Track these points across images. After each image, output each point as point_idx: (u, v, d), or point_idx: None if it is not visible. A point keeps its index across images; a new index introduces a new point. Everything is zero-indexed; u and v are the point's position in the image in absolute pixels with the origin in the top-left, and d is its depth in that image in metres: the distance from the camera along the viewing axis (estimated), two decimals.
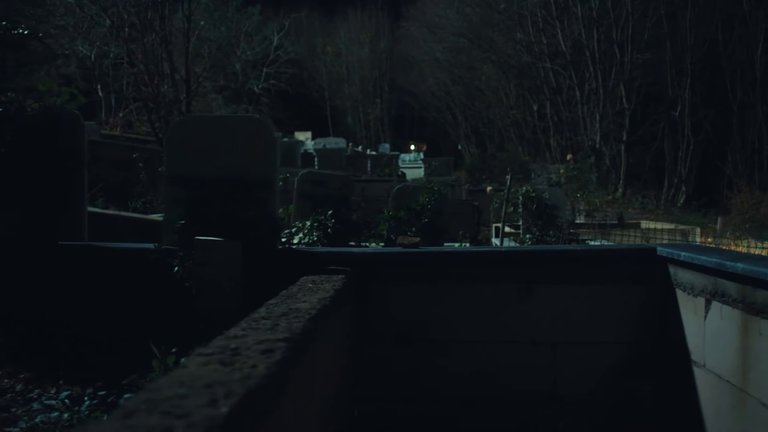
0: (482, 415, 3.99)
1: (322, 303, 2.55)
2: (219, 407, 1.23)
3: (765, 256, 3.61)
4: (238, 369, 1.54)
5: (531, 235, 10.38)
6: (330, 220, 7.97)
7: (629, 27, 29.42)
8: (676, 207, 27.48)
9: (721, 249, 3.94)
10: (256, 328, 2.03)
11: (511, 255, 4.26)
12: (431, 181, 13.72)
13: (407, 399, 3.99)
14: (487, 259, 4.15)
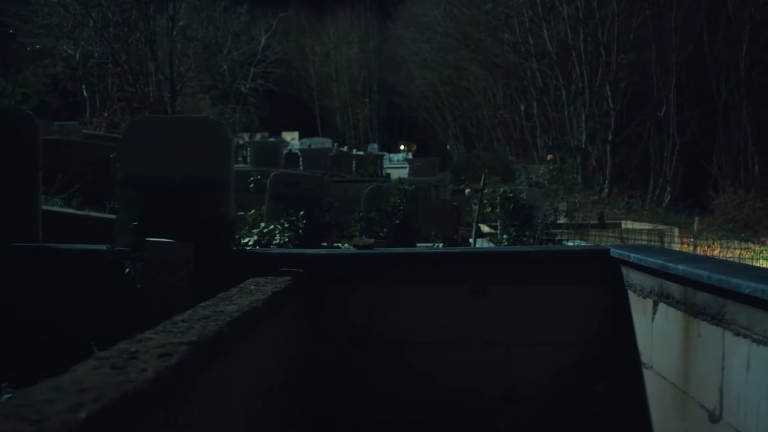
0: (437, 415, 3.97)
1: (252, 306, 2.52)
2: (79, 413, 1.21)
3: (707, 257, 3.59)
4: (125, 373, 1.52)
5: (508, 236, 10.37)
6: (301, 221, 7.95)
7: (615, 28, 29.48)
8: (662, 207, 27.56)
9: (669, 250, 3.93)
10: (169, 331, 2.01)
11: (464, 256, 4.25)
12: (403, 182, 13.71)
13: (363, 399, 3.97)
14: (440, 260, 4.14)
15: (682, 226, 22.91)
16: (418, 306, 4.00)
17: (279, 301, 3.03)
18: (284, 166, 21.85)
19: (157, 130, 4.29)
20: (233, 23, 41.13)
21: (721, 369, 2.66)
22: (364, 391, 3.96)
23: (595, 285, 3.96)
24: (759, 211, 21.84)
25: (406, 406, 3.97)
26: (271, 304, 2.83)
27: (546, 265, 4.06)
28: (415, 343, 3.99)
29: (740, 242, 11.01)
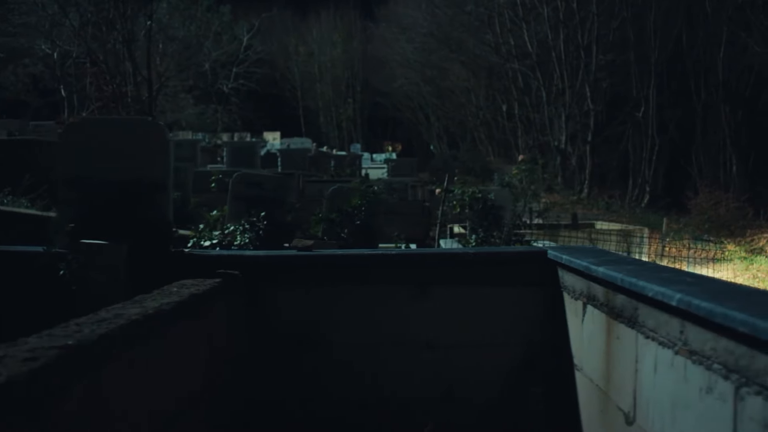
0: (378, 415, 3.95)
1: (160, 308, 2.50)
2: None
3: (630, 258, 3.59)
4: None
5: (476, 236, 10.37)
6: (262, 221, 7.92)
7: (595, 29, 29.58)
8: (640, 207, 27.67)
9: (600, 251, 3.93)
10: (55, 335, 1.98)
11: (405, 257, 4.24)
12: (379, 183, 13.69)
13: (303, 400, 3.95)
14: (381, 262, 4.12)
15: (655, 226, 23.04)
16: (359, 307, 3.98)
17: (200, 303, 3.01)
18: (262, 166, 21.83)
19: (95, 132, 4.25)
20: (215, 22, 41.00)
21: (635, 372, 2.66)
22: (305, 391, 3.94)
23: (534, 287, 3.96)
24: (734, 211, 22.00)
25: (347, 405, 3.95)
26: (188, 305, 2.81)
27: (485, 267, 4.05)
28: (356, 344, 3.97)
29: (702, 242, 11.05)
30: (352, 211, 7.66)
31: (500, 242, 10.12)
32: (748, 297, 2.06)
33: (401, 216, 11.76)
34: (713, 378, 2.03)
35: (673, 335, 2.31)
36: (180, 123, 42.84)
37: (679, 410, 2.27)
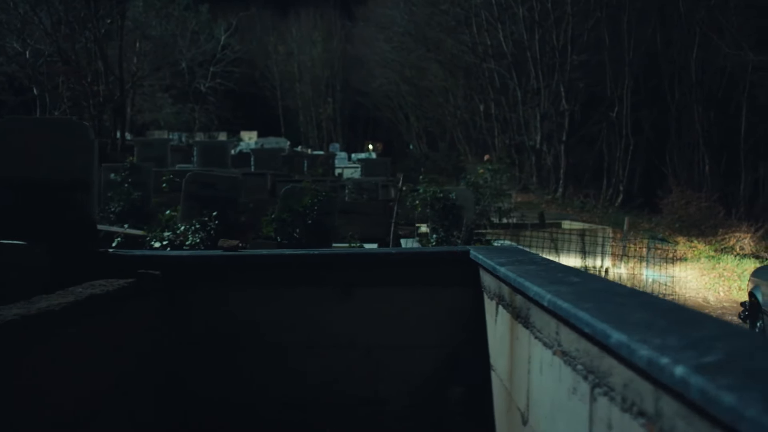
0: (304, 415, 3.94)
1: (43, 309, 2.46)
2: None
3: (540, 258, 3.60)
4: None
5: (437, 236, 10.39)
6: (213, 221, 7.88)
7: (569, 29, 29.68)
8: (614, 207, 27.80)
9: (516, 250, 3.93)
10: None
11: (332, 258, 4.22)
12: (349, 182, 13.68)
13: (228, 402, 3.93)
14: (304, 262, 4.10)
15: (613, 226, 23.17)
16: (281, 308, 3.96)
17: (104, 303, 2.98)
18: (235, 166, 21.73)
19: (17, 131, 4.21)
20: (192, 21, 40.80)
21: (528, 372, 2.66)
22: (230, 393, 3.92)
23: (458, 287, 3.95)
24: (705, 210, 22.17)
25: (273, 406, 3.94)
26: (86, 306, 2.78)
27: (408, 268, 4.04)
28: (276, 346, 3.95)
29: (657, 242, 11.13)
30: (303, 211, 7.64)
31: (460, 241, 10.14)
32: (611, 298, 2.06)
33: (364, 215, 11.76)
34: (577, 379, 2.03)
35: (552, 336, 2.31)
36: (158, 122, 42.66)
37: (556, 411, 2.27)
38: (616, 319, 1.72)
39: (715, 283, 14.69)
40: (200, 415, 3.89)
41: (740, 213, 24.05)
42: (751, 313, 6.89)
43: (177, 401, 3.86)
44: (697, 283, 15.24)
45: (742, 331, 1.50)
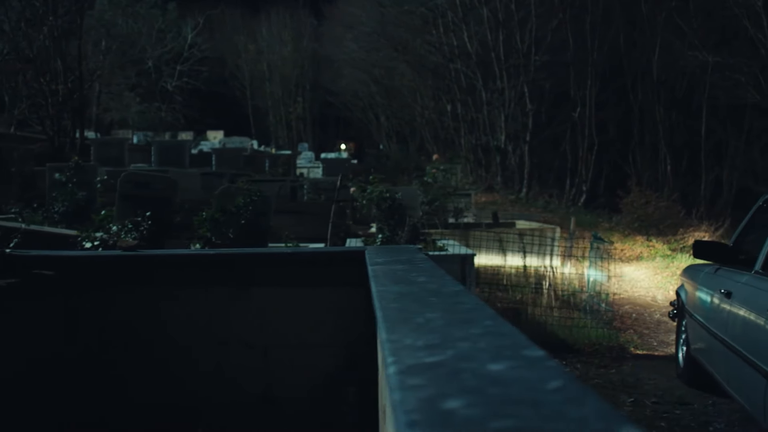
0: (197, 416, 3.92)
1: None
2: None
3: (419, 259, 3.59)
4: None
5: (382, 235, 10.39)
6: (146, 221, 7.83)
7: (533, 29, 29.84)
8: (577, 206, 27.99)
9: (404, 249, 3.94)
10: None
11: (227, 257, 4.21)
12: (304, 181, 13.64)
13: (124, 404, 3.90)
14: (199, 262, 4.09)
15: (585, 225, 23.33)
16: (177, 308, 3.94)
17: None
18: (197, 165, 21.63)
19: None
20: (158, 20, 40.51)
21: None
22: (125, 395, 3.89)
23: (353, 287, 3.95)
24: (663, 210, 22.39)
25: (170, 408, 3.91)
26: None
27: (305, 268, 4.04)
28: (172, 346, 3.93)
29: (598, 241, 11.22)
30: (236, 211, 7.61)
31: (404, 241, 10.16)
32: (426, 298, 2.07)
33: (313, 215, 11.75)
34: None
35: None
36: (127, 121, 42.30)
37: None
38: (401, 318, 1.73)
39: (666, 281, 14.86)
40: (88, 422, 3.85)
41: (701, 212, 24.30)
42: (678, 312, 6.97)
43: (63, 409, 3.82)
44: (649, 281, 15.39)
45: (502, 331, 1.52)
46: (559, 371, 1.18)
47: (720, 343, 4.87)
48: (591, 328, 8.79)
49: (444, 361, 1.27)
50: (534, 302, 10.14)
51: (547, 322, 9.18)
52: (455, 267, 8.36)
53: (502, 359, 1.27)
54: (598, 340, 8.30)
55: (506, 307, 10.15)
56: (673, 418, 5.61)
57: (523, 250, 10.18)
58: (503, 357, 1.28)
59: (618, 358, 7.74)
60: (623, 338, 8.92)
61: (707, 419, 5.54)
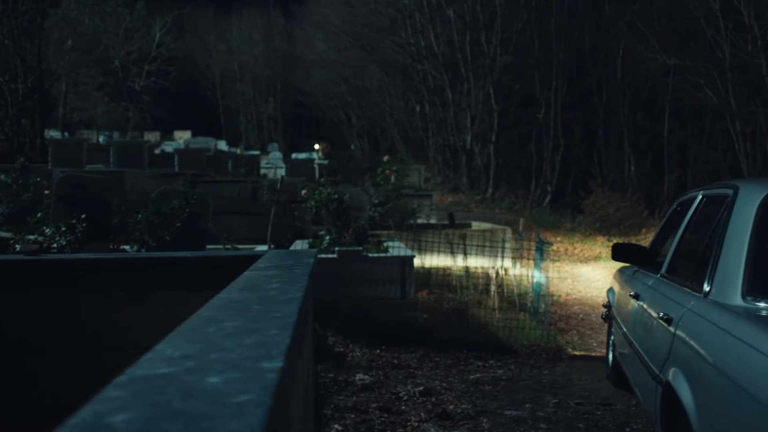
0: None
1: None
2: None
3: (293, 264, 3.62)
4: None
5: (330, 237, 10.39)
6: (82, 224, 7.76)
7: (499, 30, 29.95)
8: (542, 207, 28.17)
9: (295, 254, 3.96)
10: None
11: (122, 262, 4.19)
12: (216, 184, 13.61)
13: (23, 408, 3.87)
14: (98, 266, 4.07)
15: (548, 226, 23.50)
16: (74, 312, 3.92)
17: None
18: (158, 166, 21.49)
19: None
20: (125, 18, 40.18)
21: None
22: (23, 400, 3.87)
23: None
24: (625, 210, 22.61)
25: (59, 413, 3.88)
26: None
27: (205, 271, 4.04)
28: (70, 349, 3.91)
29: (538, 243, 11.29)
30: (171, 213, 7.57)
31: (352, 242, 10.16)
32: (238, 304, 2.13)
33: (259, 216, 11.72)
34: None
35: None
36: (95, 121, 41.92)
37: None
38: (195, 327, 1.76)
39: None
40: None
41: (663, 213, 24.53)
42: (608, 313, 7.04)
43: None
44: (604, 282, 15.46)
45: (272, 342, 1.53)
46: (264, 384, 1.19)
47: (629, 345, 4.94)
48: (530, 330, 8.85)
49: (171, 373, 1.28)
50: (480, 304, 10.18)
51: (490, 323, 9.22)
52: (395, 269, 8.37)
53: (229, 371, 1.28)
54: (537, 341, 8.36)
55: (453, 308, 10.18)
56: (593, 419, 5.65)
57: (464, 252, 10.23)
58: (233, 368, 1.29)
59: (554, 359, 7.79)
60: (564, 339, 8.99)
61: (626, 420, 5.60)
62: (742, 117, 20.96)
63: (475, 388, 6.55)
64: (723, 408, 2.60)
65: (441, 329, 8.78)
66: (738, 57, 20.60)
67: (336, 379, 6.45)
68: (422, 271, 11.95)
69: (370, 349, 7.62)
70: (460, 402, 6.08)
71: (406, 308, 8.38)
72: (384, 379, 6.69)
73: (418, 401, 6.10)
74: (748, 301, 2.96)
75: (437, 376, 6.99)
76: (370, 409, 5.81)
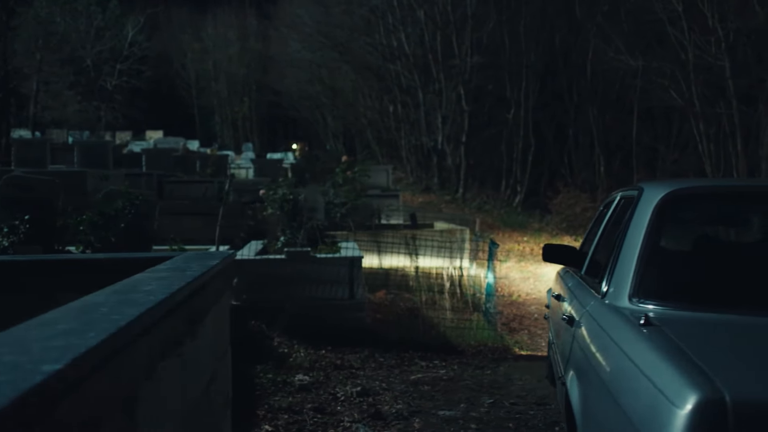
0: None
1: None
2: None
3: (186, 266, 3.62)
4: None
5: (284, 237, 10.39)
6: (25, 225, 7.71)
7: (470, 31, 30.03)
8: (512, 207, 28.30)
9: (197, 256, 3.96)
10: None
11: (34, 264, 4.17)
12: (182, 184, 13.57)
13: None
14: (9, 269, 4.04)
15: (516, 226, 23.63)
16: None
17: None
18: (126, 166, 21.36)
19: None
20: (97, 17, 39.89)
21: None
22: None
23: None
24: (591, 210, 22.72)
25: None
26: None
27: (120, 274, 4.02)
28: None
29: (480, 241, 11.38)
30: (115, 214, 7.55)
31: (306, 243, 10.17)
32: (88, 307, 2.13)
33: (214, 217, 11.67)
34: None
35: None
36: (67, 120, 41.56)
37: None
38: (20, 333, 1.76)
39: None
40: None
41: None
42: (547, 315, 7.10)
43: None
44: None
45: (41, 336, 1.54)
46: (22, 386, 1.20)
47: (550, 346, 5.00)
48: (480, 330, 8.90)
49: None
50: (435, 304, 10.22)
51: (441, 324, 9.27)
52: (343, 270, 8.39)
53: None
54: (484, 342, 8.41)
55: (409, 308, 10.22)
56: (525, 418, 5.70)
57: (416, 253, 10.27)
58: (12, 370, 1.31)
59: (498, 359, 7.85)
60: (513, 339, 9.06)
61: (557, 419, 5.64)
62: (706, 118, 21.15)
63: (414, 389, 6.58)
64: (600, 413, 2.63)
65: (391, 330, 8.81)
66: (701, 59, 20.77)
67: (275, 379, 6.46)
68: (381, 271, 11.98)
69: (316, 350, 7.63)
70: (396, 402, 6.10)
71: (355, 309, 8.40)
72: (324, 379, 6.71)
73: (354, 402, 6.12)
74: (633, 303, 2.97)
75: (378, 376, 7.02)
76: (304, 409, 5.82)
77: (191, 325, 2.93)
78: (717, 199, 3.59)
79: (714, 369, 2.04)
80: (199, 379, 3.21)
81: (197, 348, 3.10)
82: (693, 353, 2.20)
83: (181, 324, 2.71)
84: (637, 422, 2.11)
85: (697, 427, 1.84)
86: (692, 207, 3.61)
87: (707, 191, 3.62)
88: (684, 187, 3.53)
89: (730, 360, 2.28)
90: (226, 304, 4.10)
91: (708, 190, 3.64)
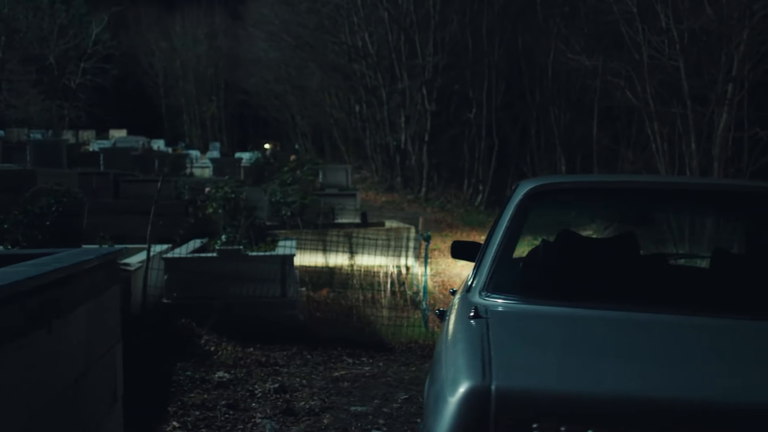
0: None
1: None
2: None
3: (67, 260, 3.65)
4: None
5: (226, 236, 10.40)
6: None
7: (433, 30, 30.13)
8: (474, 206, 28.45)
9: (90, 251, 4.00)
10: None
11: None
12: (137, 183, 13.55)
13: None
14: None
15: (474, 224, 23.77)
16: None
17: None
18: (84, 164, 21.21)
19: None
20: (61, 15, 39.43)
21: None
22: None
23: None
24: None
25: None
26: None
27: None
28: None
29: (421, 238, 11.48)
30: (40, 212, 7.52)
31: (246, 241, 10.19)
32: None
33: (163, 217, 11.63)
34: None
35: None
36: (32, 119, 41.07)
37: None
38: None
39: None
40: None
41: None
42: None
43: None
44: None
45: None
46: None
47: None
48: (415, 327, 8.97)
49: None
50: (375, 302, 10.28)
51: (377, 321, 9.33)
52: (275, 267, 8.43)
53: None
54: (415, 339, 8.47)
55: (350, 306, 10.28)
56: None
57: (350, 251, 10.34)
58: None
59: (427, 356, 7.91)
60: None
61: None
62: (660, 118, 21.37)
63: (333, 385, 6.63)
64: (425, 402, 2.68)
65: (326, 327, 8.86)
66: (657, 59, 20.99)
67: (193, 377, 6.48)
68: (326, 270, 12.03)
69: (243, 348, 7.66)
70: (311, 399, 6.15)
71: (286, 307, 8.44)
72: (245, 376, 6.74)
73: (270, 398, 6.17)
74: (482, 297, 3.02)
75: (302, 373, 7.06)
76: (218, 406, 5.85)
77: (43, 318, 2.95)
78: (578, 194, 3.66)
79: (501, 360, 2.10)
80: (61, 374, 3.23)
81: (56, 341, 3.12)
82: (496, 345, 2.26)
83: (23, 316, 2.72)
84: (430, 410, 2.17)
85: (462, 415, 1.91)
86: (553, 202, 3.68)
87: (569, 187, 3.69)
88: (547, 183, 3.60)
89: (528, 351, 2.34)
90: (112, 301, 4.11)
91: (570, 186, 3.71)
